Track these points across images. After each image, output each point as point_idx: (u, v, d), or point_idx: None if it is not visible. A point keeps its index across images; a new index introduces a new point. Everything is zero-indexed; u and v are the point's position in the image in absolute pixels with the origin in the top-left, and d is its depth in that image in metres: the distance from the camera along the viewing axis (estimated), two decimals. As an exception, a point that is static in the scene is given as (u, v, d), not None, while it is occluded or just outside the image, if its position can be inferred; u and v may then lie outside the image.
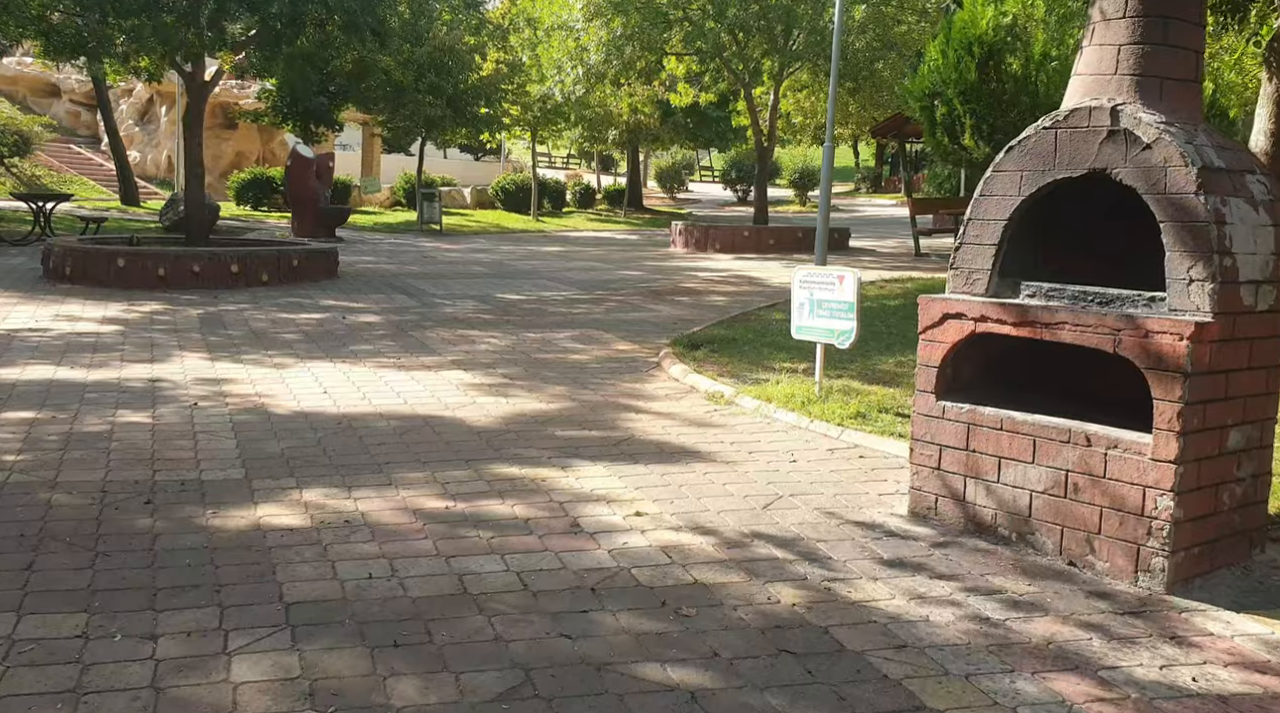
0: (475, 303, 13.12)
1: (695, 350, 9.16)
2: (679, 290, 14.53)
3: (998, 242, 4.79)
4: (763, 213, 22.13)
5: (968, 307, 4.76)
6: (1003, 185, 4.79)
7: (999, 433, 4.65)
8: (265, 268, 14.18)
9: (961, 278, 4.92)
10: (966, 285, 4.89)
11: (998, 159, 4.85)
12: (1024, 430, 4.56)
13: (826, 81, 24.18)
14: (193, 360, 8.92)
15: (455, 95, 26.27)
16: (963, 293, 4.89)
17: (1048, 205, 4.81)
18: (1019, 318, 4.57)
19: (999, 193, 4.80)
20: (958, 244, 4.96)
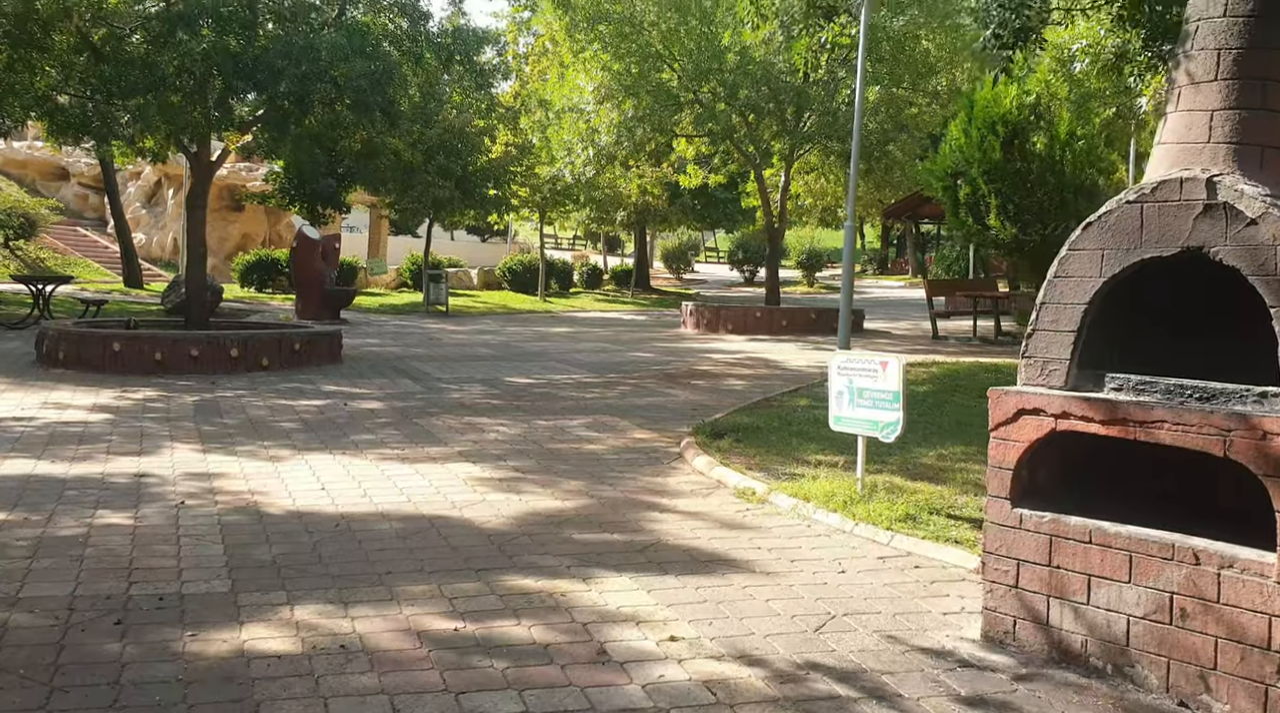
0: (483, 387, 12.61)
1: (719, 440, 8.60)
2: (694, 373, 14.02)
3: (1076, 328, 4.28)
4: (774, 294, 21.74)
5: (1046, 401, 4.22)
6: (1081, 265, 4.29)
7: (1087, 547, 4.07)
8: (266, 352, 13.70)
9: (1036, 368, 4.39)
10: (1042, 377, 4.35)
11: (1074, 237, 4.36)
12: (1118, 545, 3.98)
13: (836, 163, 24.05)
14: (183, 452, 8.37)
15: (464, 177, 26.11)
16: (1038, 385, 4.35)
17: (1127, 287, 4.31)
18: (1108, 415, 4.03)
19: (1077, 274, 4.30)
20: (1030, 330, 4.44)
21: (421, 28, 14.87)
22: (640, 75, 19.49)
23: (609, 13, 18.90)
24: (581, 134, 20.34)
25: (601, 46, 19.54)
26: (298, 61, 12.42)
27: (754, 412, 10.10)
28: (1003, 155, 11.88)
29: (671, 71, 19.80)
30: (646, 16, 19.01)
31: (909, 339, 20.17)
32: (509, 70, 17.19)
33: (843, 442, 8.35)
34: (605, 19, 18.97)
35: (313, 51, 12.41)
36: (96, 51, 13.21)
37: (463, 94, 17.48)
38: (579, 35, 19.54)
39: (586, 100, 20.18)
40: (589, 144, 20.33)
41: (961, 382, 12.03)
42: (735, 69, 18.25)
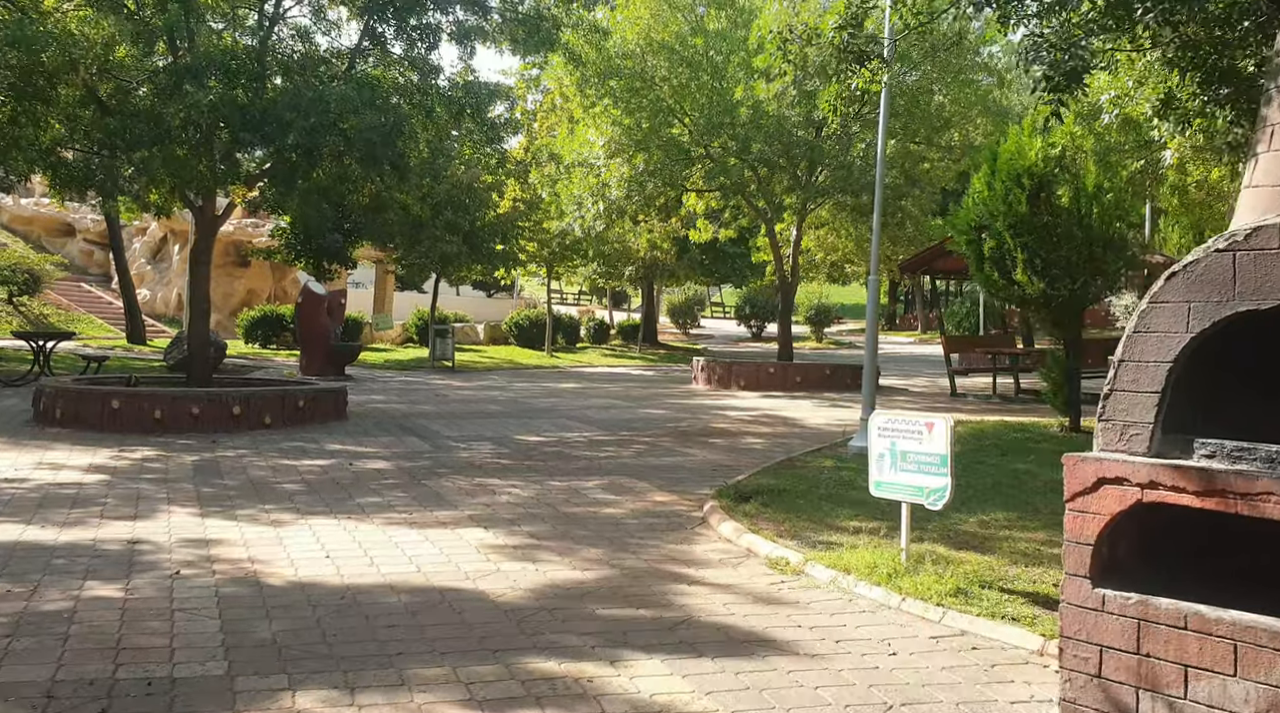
0: (492, 446, 12.20)
1: (744, 503, 8.17)
2: (710, 431, 13.60)
3: (1160, 388, 3.88)
4: (787, 349, 21.38)
5: (1130, 470, 3.81)
6: (1164, 320, 3.90)
7: (1183, 633, 3.64)
8: (269, 409, 13.32)
9: (1114, 432, 3.99)
10: (1122, 442, 3.95)
11: (1156, 289, 3.98)
12: (1219, 632, 3.55)
13: (848, 218, 23.84)
14: (181, 517, 7.95)
15: (472, 232, 25.94)
16: (1118, 452, 3.95)
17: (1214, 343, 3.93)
18: (1203, 486, 3.62)
19: (1160, 329, 3.91)
20: (1107, 391, 4.05)
21: (432, 81, 14.70)
22: (651, 130, 19.34)
23: (620, 68, 18.79)
24: (592, 188, 20.14)
25: (612, 101, 19.41)
26: (306, 113, 12.20)
27: (778, 473, 9.67)
28: (1029, 208, 11.56)
29: (682, 126, 19.64)
30: (658, 72, 18.90)
31: (927, 396, 19.76)
32: (519, 125, 17.00)
33: (876, 506, 7.92)
34: (616, 74, 18.85)
35: (322, 103, 12.19)
36: (102, 104, 13.01)
37: (473, 148, 17.27)
38: (590, 90, 19.42)
39: (597, 154, 20.01)
40: (599, 198, 20.13)
41: (990, 441, 11.61)
42: (748, 123, 18.08)
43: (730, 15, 19.50)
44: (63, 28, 11.69)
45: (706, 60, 18.83)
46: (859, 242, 25.17)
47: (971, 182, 12.63)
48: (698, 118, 18.58)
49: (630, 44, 18.72)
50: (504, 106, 16.49)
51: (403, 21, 13.63)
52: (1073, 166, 11.84)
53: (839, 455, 10.76)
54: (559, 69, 19.36)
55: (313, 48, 14.30)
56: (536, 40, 15.23)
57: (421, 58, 14.96)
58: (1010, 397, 18.79)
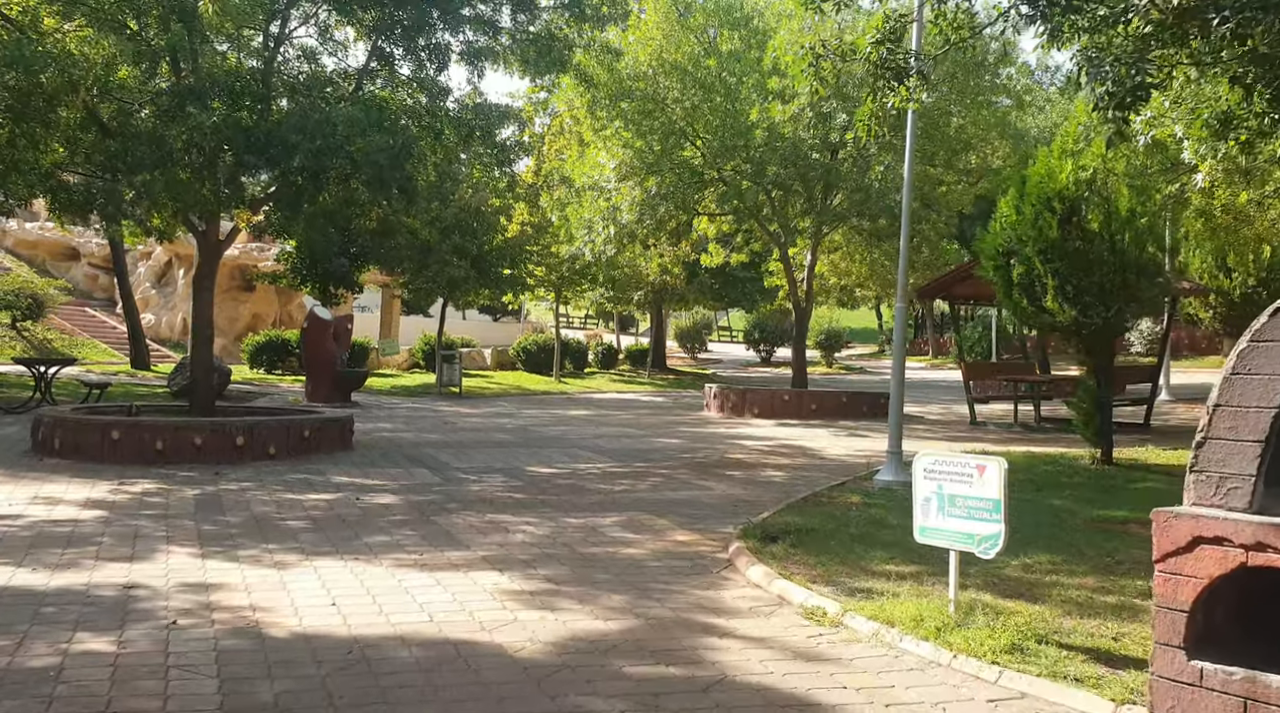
0: (504, 478, 11.80)
1: (772, 544, 7.75)
2: (727, 463, 13.19)
3: (1264, 437, 3.49)
4: (801, 376, 20.99)
5: (1233, 529, 3.41)
6: (1270, 360, 3.51)
7: (1299, 715, 3.23)
8: (273, 440, 12.94)
9: (1209, 486, 3.59)
10: (1218, 496, 3.55)
11: (1259, 325, 3.59)
12: (1343, 715, 3.14)
13: (862, 242, 23.49)
14: (180, 557, 7.55)
15: (479, 256, 25.63)
16: (1215, 507, 3.55)
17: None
18: (1320, 548, 3.22)
19: (1264, 371, 3.52)
20: (1199, 439, 3.65)
21: (441, 103, 14.40)
22: (663, 152, 19.03)
23: (631, 89, 18.50)
24: (603, 211, 19.81)
25: (623, 123, 19.11)
26: (312, 136, 11.88)
27: (804, 510, 9.25)
28: (1060, 233, 11.18)
29: (694, 149, 19.33)
30: (670, 93, 18.61)
31: (946, 425, 19.34)
32: (529, 147, 16.68)
33: (912, 548, 7.50)
34: (628, 96, 18.56)
35: (328, 125, 11.88)
36: (104, 127, 12.71)
37: (482, 171, 16.96)
38: (600, 112, 19.13)
39: (607, 177, 19.69)
40: (610, 222, 19.80)
41: (1021, 475, 11.18)
42: (762, 146, 17.76)
43: (744, 36, 19.22)
44: (62, 48, 11.40)
45: (719, 82, 18.53)
46: (873, 266, 24.80)
47: (998, 205, 12.27)
48: (711, 140, 18.28)
49: (642, 65, 18.44)
50: (513, 129, 16.17)
51: (411, 42, 13.33)
52: (1103, 190, 11.45)
53: (865, 491, 10.35)
54: (569, 91, 19.08)
55: (319, 69, 14.01)
56: (548, 61, 14.93)
57: (430, 79, 14.67)
58: (1032, 425, 18.37)
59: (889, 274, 24.59)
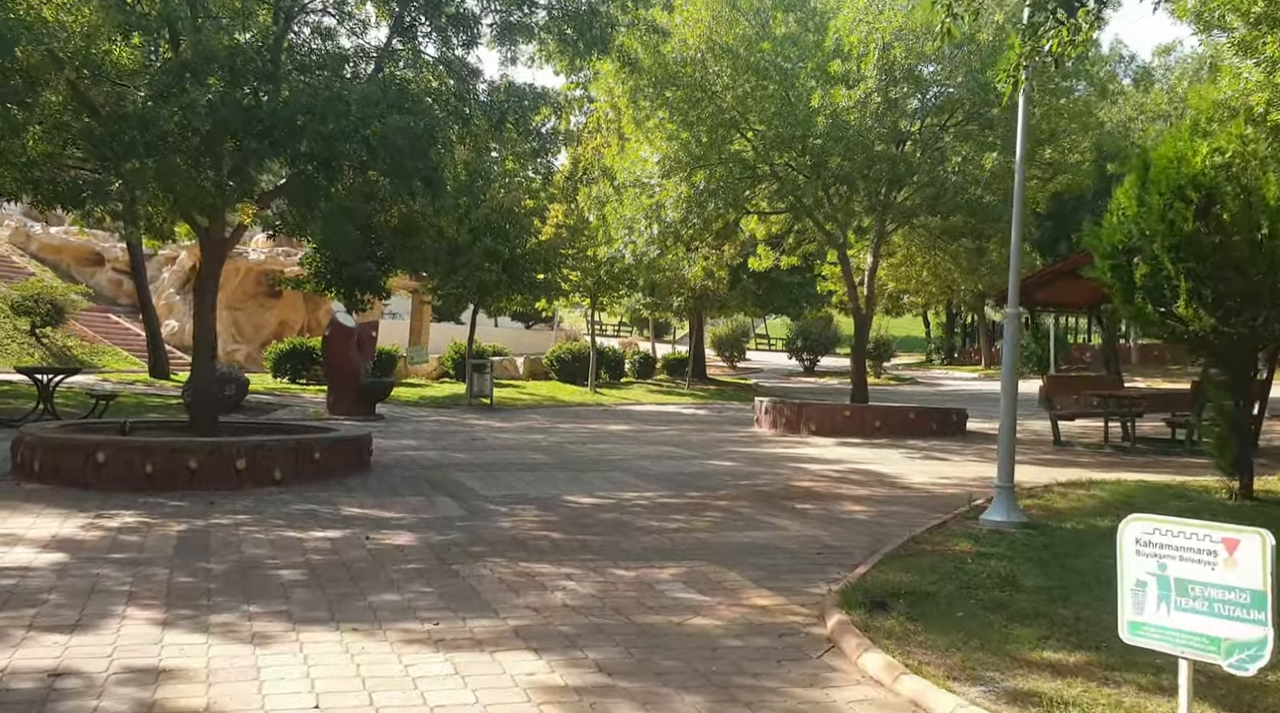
0: (538, 510, 10.20)
1: (881, 615, 6.09)
2: (795, 493, 11.51)
3: None
4: (862, 390, 19.26)
5: None
6: None
7: None
8: (279, 462, 11.41)
9: None
10: None
11: None
12: None
13: (922, 243, 21.73)
14: (136, 625, 6.01)
15: (512, 259, 24.14)
16: None
17: None
18: None
19: None
20: None
21: (470, 85, 12.85)
22: (711, 144, 17.40)
23: (678, 75, 16.89)
24: (645, 209, 18.19)
25: (668, 114, 17.50)
26: (322, 117, 10.37)
27: (908, 563, 7.55)
28: (1195, 227, 9.43)
29: (745, 141, 17.68)
30: (720, 80, 16.97)
31: (1025, 444, 17.50)
32: (568, 137, 15.10)
33: (1066, 622, 5.85)
34: (674, 82, 16.94)
35: (340, 104, 10.35)
36: (94, 110, 11.26)
37: (516, 163, 15.40)
38: (644, 101, 17.54)
39: (650, 172, 18.08)
40: (653, 220, 18.18)
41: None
42: (824, 135, 16.06)
43: (800, 19, 17.56)
44: (36, 15, 9.94)
45: (774, 67, 16.87)
46: (934, 269, 23.05)
47: (1114, 196, 10.52)
48: (765, 130, 16.60)
49: (690, 48, 16.84)
50: (551, 117, 14.60)
51: (436, 10, 11.80)
52: (1243, 176, 9.69)
53: (973, 534, 8.64)
54: (610, 78, 17.51)
55: (335, 47, 12.51)
56: (588, 40, 13.37)
57: (459, 61, 13.15)
58: (1124, 446, 16.56)
59: (953, 277, 22.96)
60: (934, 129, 17.17)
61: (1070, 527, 8.96)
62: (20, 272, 35.34)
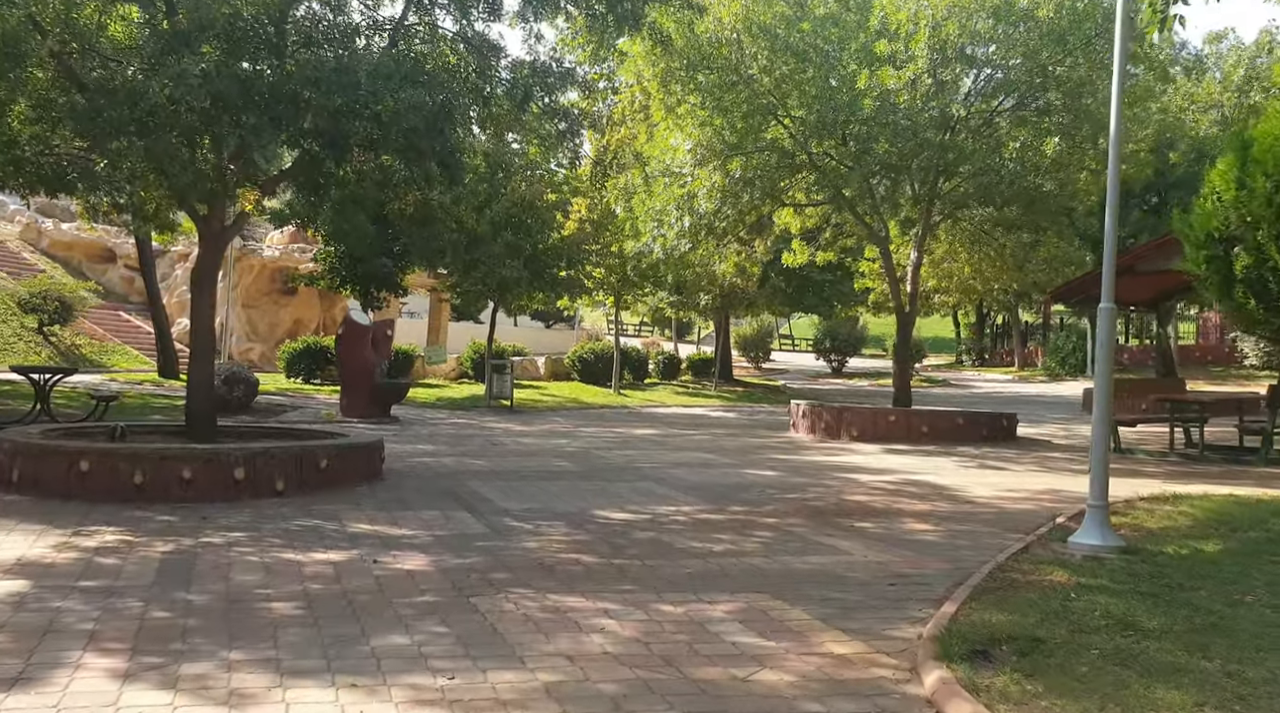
0: (566, 527, 9.15)
1: (986, 667, 5.01)
2: (850, 508, 10.41)
3: None
4: (905, 393, 18.13)
5: None
6: None
7: None
8: (281, 472, 10.43)
9: None
10: None
11: None
12: None
13: (965, 239, 20.57)
14: (89, 678, 5.00)
15: (533, 255, 23.13)
16: None
17: None
18: None
19: None
20: None
21: (491, 62, 11.82)
22: (746, 131, 16.31)
23: (711, 58, 15.80)
24: (677, 200, 17.11)
25: (700, 99, 16.42)
26: (329, 91, 9.35)
27: (1001, 598, 6.46)
28: (1311, 211, 8.31)
29: (782, 128, 16.56)
30: (756, 62, 15.86)
31: (1079, 450, 16.37)
32: (596, 119, 14.01)
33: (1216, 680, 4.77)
34: (707, 65, 15.85)
35: (348, 77, 9.34)
36: (82, 86, 10.29)
37: (540, 147, 14.36)
38: (675, 85, 16.46)
39: (682, 161, 17.00)
40: (685, 212, 17.09)
41: (1256, 534, 8.32)
42: (871, 119, 14.94)
43: (841, 0, 16.46)
44: (9, -26, 8.98)
45: (814, 49, 15.76)
46: (978, 266, 21.87)
47: (1208, 179, 9.40)
48: (806, 115, 15.48)
49: (725, 29, 15.75)
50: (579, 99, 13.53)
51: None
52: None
53: (1066, 561, 7.54)
54: (639, 60, 16.45)
55: (345, 19, 11.49)
56: (618, 14, 12.32)
57: (479, 36, 12.12)
58: (1191, 454, 15.38)
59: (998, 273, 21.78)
60: (986, 114, 16.03)
61: (1173, 552, 7.84)
62: (30, 268, 34.60)
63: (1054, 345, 41.19)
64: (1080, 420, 23.44)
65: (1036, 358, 44.28)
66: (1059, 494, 11.41)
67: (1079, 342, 39.74)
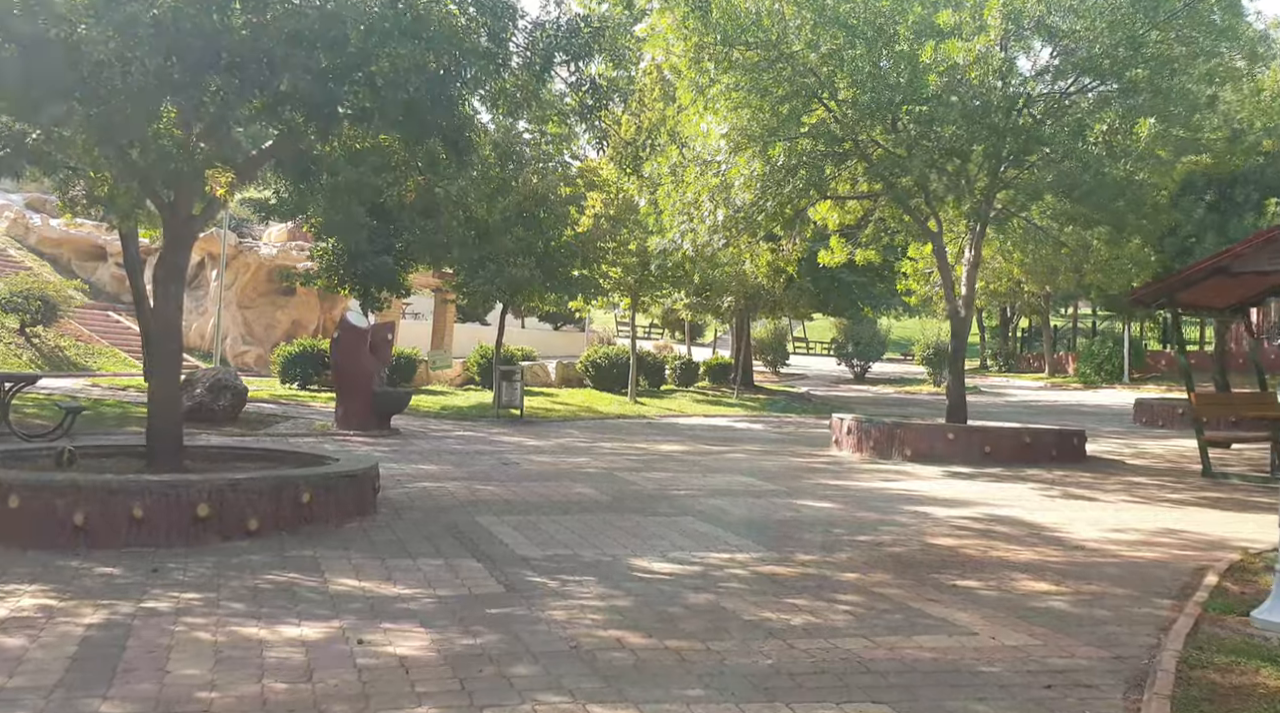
0: (600, 585, 7.40)
1: None
2: (941, 556, 8.62)
3: None
4: (961, 409, 16.31)
5: None
6: None
7: None
8: (255, 508, 8.68)
9: None
10: None
11: None
12: None
13: (1020, 237, 18.78)
14: None
15: (546, 253, 21.40)
16: None
17: None
18: None
19: None
20: None
21: (507, 23, 10.05)
22: (789, 115, 14.54)
23: (750, 31, 14.02)
24: (711, 190, 15.32)
25: (734, 79, 14.63)
26: (310, 45, 7.60)
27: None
28: None
29: (826, 111, 14.80)
30: (802, 36, 14.08)
31: (1162, 473, 14.59)
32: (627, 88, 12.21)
33: None
34: (744, 39, 14.06)
35: (335, 29, 7.59)
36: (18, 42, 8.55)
37: (560, 123, 12.58)
38: (707, 62, 14.69)
39: (715, 147, 15.24)
40: (719, 203, 15.31)
41: None
42: (936, 97, 13.14)
43: (894, -36, 14.68)
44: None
45: (866, 23, 13.99)
46: (1032, 268, 20.09)
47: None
48: (859, 95, 13.69)
49: (766, 0, 13.99)
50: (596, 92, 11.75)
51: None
52: None
53: (1261, 648, 5.77)
54: (669, 34, 14.69)
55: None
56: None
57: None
58: (1294, 478, 13.61)
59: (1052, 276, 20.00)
60: (1066, 93, 14.26)
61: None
62: (16, 265, 32.94)
63: (1088, 351, 39.33)
64: (1139, 434, 21.67)
65: (1066, 364, 42.43)
66: (1179, 536, 9.63)
67: (1115, 347, 37.91)
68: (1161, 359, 39.25)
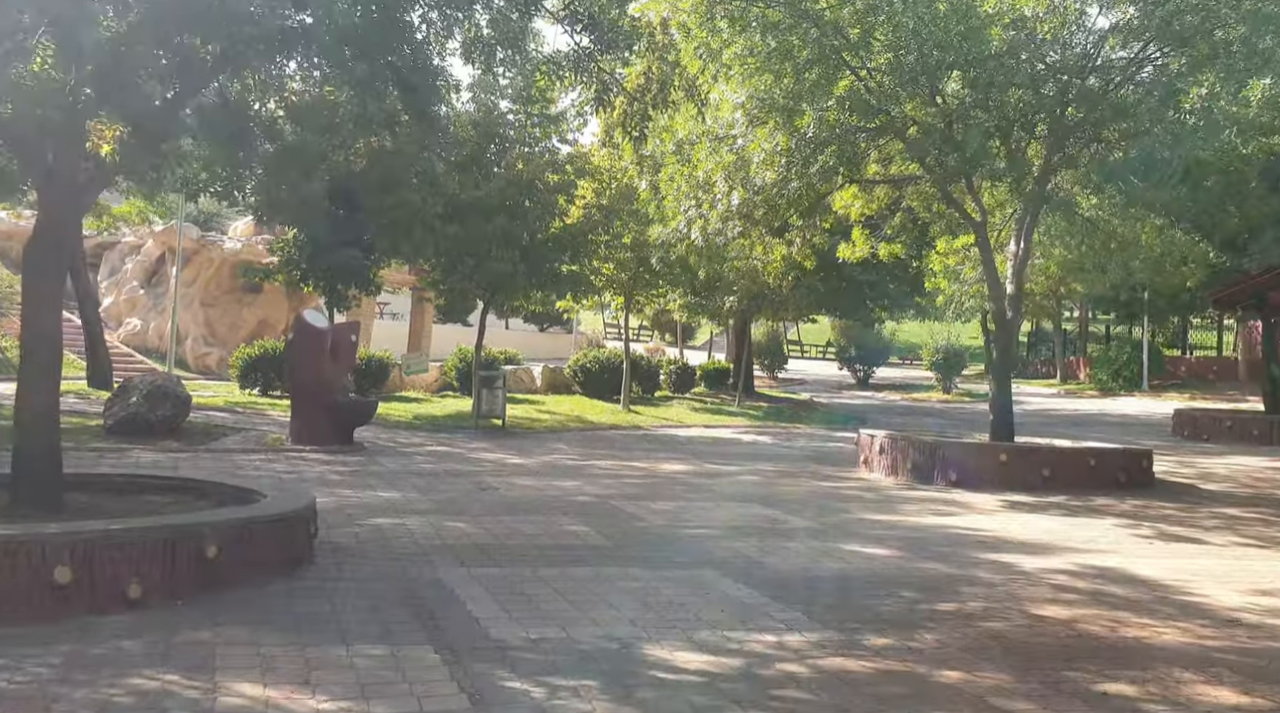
0: (605, 696, 5.23)
1: None
2: (1060, 639, 6.45)
3: None
4: (1008, 426, 14.20)
5: None
6: None
7: None
8: (137, 568, 6.49)
9: None
10: None
11: None
12: None
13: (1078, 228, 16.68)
14: None
15: (532, 246, 19.24)
16: None
17: None
18: None
19: None
20: None
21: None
22: (815, 83, 12.41)
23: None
24: (726, 168, 13.17)
25: (752, 42, 12.50)
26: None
27: None
28: None
29: (856, 79, 12.69)
30: (831, -10, 11.94)
31: (1254, 504, 12.49)
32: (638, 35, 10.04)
33: None
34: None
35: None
36: None
37: (551, 77, 10.38)
38: (720, 22, 12.54)
39: (732, 120, 13.09)
40: (735, 185, 13.16)
41: None
42: (1000, 55, 10.97)
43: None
44: None
45: (905, -26, 11.86)
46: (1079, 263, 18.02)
47: None
48: (903, 56, 11.54)
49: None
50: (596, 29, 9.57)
51: None
52: None
53: None
54: (677, -10, 12.57)
55: None
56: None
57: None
58: None
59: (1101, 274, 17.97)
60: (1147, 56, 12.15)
61: None
62: (-45, 261, 30.52)
63: (1104, 357, 37.36)
64: (1186, 449, 19.59)
65: (1078, 370, 40.46)
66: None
67: (1133, 353, 35.94)
68: (1181, 365, 37.37)
